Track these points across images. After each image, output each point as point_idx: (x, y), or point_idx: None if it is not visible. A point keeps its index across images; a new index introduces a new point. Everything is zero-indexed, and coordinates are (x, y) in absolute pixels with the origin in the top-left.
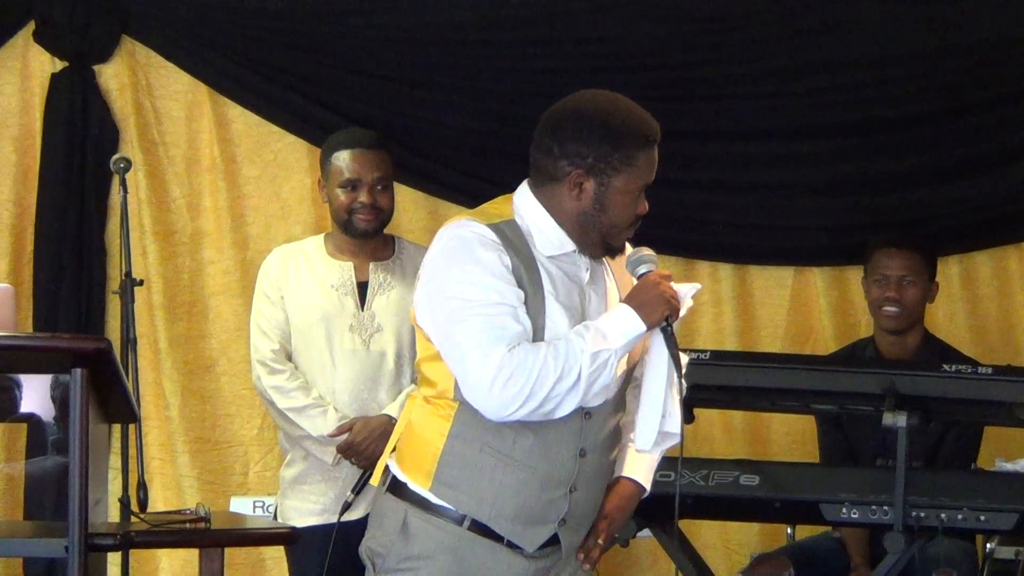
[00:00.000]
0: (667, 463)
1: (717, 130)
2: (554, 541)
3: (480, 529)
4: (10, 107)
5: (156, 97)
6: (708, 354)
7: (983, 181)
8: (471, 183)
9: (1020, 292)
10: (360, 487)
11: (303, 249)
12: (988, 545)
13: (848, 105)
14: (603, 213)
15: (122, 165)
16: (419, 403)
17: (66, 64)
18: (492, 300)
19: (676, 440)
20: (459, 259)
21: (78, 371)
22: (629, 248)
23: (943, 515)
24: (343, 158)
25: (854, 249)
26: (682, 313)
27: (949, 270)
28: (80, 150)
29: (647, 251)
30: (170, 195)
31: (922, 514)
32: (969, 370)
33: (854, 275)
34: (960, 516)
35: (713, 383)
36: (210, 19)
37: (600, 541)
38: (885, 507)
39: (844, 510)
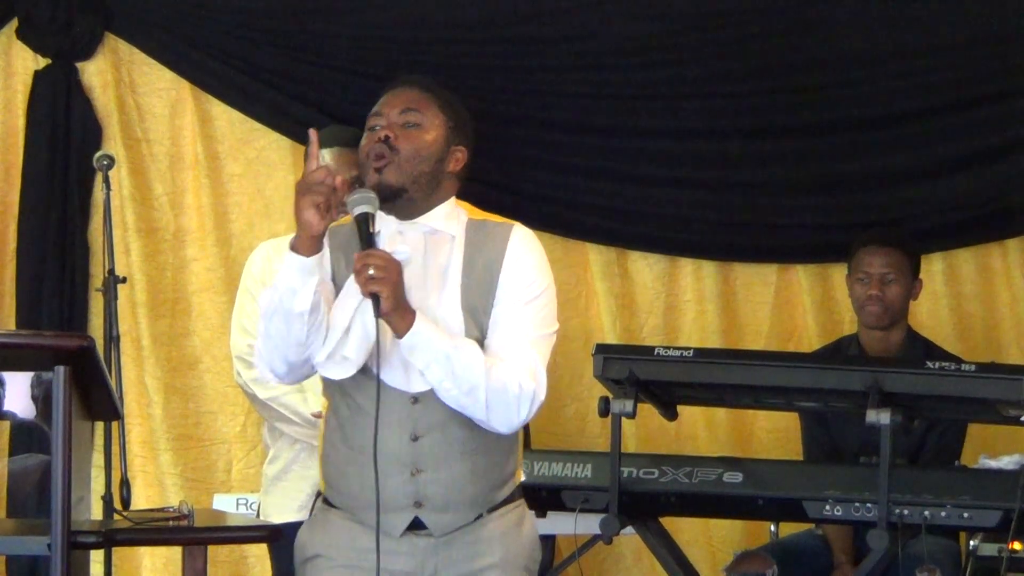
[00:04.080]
0: (651, 460)
1: (700, 128)
2: (423, 525)
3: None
4: None
5: (139, 94)
6: (691, 352)
7: (966, 179)
8: None
9: (1003, 290)
10: None
11: (289, 245)
12: (971, 542)
13: (831, 104)
14: None
15: (105, 162)
16: None
17: (49, 61)
18: None
19: (352, 365)
20: None
21: (61, 369)
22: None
23: (927, 512)
24: (322, 157)
25: (838, 247)
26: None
27: (932, 268)
28: (63, 147)
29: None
30: (153, 192)
31: (905, 511)
32: (952, 367)
33: (838, 272)
34: (944, 513)
35: (696, 380)
36: (193, 16)
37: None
38: (868, 504)
39: (827, 507)
